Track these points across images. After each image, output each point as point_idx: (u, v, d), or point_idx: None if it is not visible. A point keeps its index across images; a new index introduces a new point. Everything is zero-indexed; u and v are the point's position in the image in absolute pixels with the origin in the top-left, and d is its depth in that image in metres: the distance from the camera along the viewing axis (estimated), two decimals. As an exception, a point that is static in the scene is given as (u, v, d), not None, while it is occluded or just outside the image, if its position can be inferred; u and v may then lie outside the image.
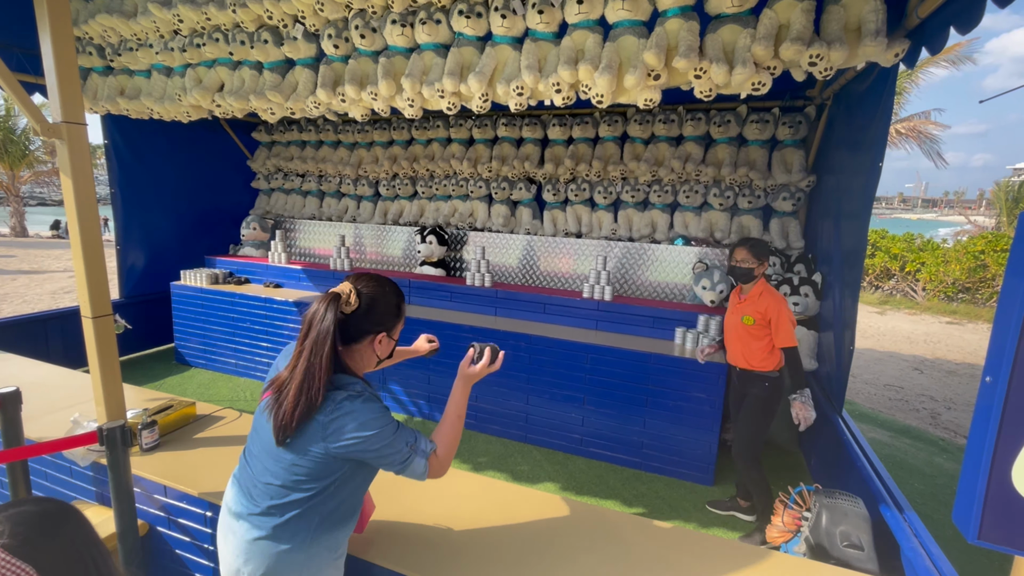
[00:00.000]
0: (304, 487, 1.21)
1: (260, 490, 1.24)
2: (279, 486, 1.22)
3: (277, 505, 1.22)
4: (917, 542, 1.86)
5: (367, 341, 1.28)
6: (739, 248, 2.82)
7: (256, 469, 1.26)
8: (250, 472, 1.28)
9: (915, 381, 6.11)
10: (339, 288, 1.25)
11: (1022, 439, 0.90)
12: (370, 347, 1.29)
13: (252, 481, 1.26)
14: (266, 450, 1.24)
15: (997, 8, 1.80)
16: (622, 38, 2.46)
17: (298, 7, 2.96)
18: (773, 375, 2.79)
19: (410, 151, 5.47)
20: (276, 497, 1.22)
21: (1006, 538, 0.94)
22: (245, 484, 1.28)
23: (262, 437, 1.25)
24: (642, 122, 4.52)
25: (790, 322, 2.70)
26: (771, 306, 2.71)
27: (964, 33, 2.00)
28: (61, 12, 1.66)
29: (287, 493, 1.22)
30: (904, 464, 3.89)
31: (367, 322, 1.26)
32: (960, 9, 1.97)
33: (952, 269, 10.66)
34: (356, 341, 1.27)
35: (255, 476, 1.26)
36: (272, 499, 1.22)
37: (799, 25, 2.22)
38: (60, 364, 3.02)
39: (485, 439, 3.92)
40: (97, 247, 1.79)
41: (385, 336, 1.30)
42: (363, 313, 1.25)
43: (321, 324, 1.19)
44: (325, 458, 1.20)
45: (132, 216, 5.28)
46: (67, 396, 2.53)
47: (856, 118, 3.19)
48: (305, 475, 1.20)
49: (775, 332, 2.72)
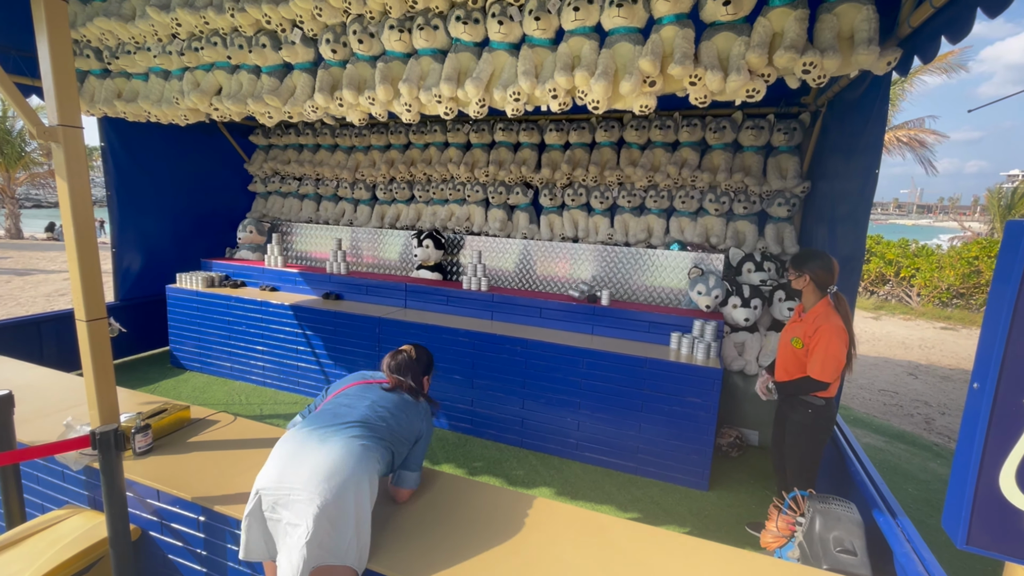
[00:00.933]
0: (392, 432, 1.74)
1: (356, 414, 1.72)
2: (379, 416, 1.74)
3: (370, 424, 1.70)
4: (910, 547, 1.87)
5: (423, 378, 2.02)
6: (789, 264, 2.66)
7: (350, 404, 1.78)
8: (355, 409, 1.75)
9: (910, 386, 6.13)
10: (405, 348, 2.04)
11: (1010, 445, 0.90)
12: (425, 379, 2.05)
13: (341, 411, 1.74)
14: (383, 399, 1.83)
15: (987, 18, 1.82)
16: (618, 45, 2.48)
17: (296, 12, 2.97)
18: (818, 402, 2.52)
19: (407, 155, 5.49)
20: (371, 420, 1.71)
21: (994, 543, 0.95)
22: (328, 413, 1.74)
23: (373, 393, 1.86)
24: (638, 128, 4.54)
25: (833, 356, 2.39)
26: (821, 330, 2.43)
27: (955, 42, 2.02)
28: (58, 15, 1.66)
29: (380, 423, 1.72)
30: (899, 469, 3.90)
31: (422, 366, 2.04)
32: (951, 19, 2.00)
33: (946, 275, 10.73)
34: (420, 376, 2.00)
35: (351, 408, 1.76)
36: (367, 421, 1.70)
37: (793, 33, 2.24)
38: (54, 367, 3.00)
39: (480, 443, 3.92)
40: (92, 250, 1.79)
41: (427, 377, 2.07)
42: (419, 362, 2.03)
43: (410, 358, 2.00)
44: (412, 422, 1.83)
45: (128, 219, 5.26)
46: (60, 399, 2.52)
47: (850, 125, 3.22)
48: (400, 433, 1.77)
49: (808, 357, 2.48)
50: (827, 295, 2.54)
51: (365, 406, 1.77)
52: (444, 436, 4.01)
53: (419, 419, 1.86)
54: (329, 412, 1.75)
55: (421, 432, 1.86)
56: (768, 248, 4.22)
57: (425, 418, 1.90)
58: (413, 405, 1.87)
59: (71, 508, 2.10)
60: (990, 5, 1.76)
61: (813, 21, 2.32)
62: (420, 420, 1.86)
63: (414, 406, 1.88)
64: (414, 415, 1.85)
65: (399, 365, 1.95)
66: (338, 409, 1.76)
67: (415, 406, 1.88)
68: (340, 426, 1.66)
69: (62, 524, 1.97)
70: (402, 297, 4.69)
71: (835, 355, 2.40)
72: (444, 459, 3.66)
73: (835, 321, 2.44)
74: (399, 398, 1.86)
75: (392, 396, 1.85)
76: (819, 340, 2.43)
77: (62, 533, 1.92)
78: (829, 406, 2.54)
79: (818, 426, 2.55)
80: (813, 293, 2.57)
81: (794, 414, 2.61)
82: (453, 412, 4.09)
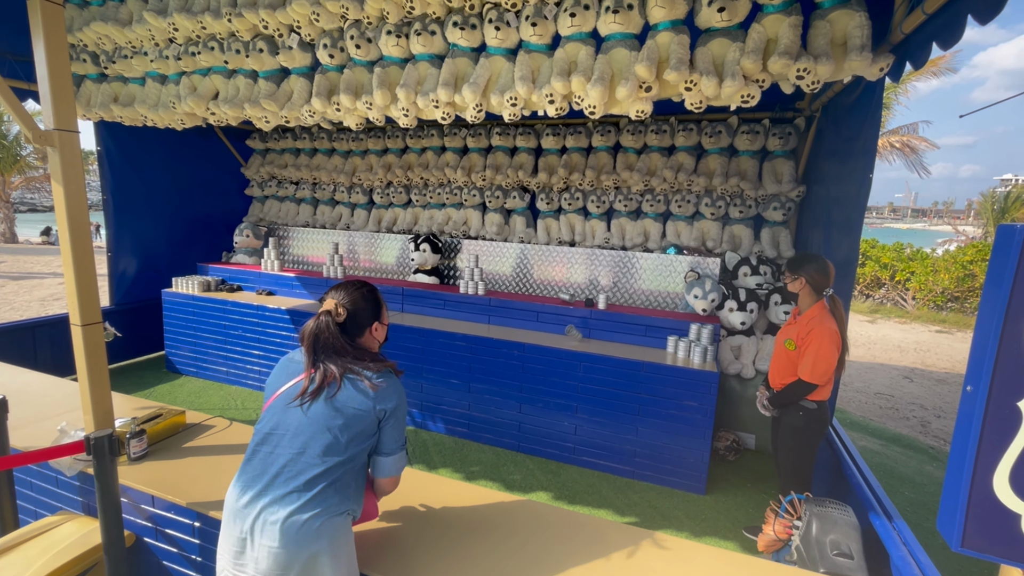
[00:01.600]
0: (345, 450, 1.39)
1: (296, 467, 1.37)
2: (320, 454, 1.37)
3: (320, 473, 1.36)
4: (906, 550, 1.87)
5: (367, 334, 1.58)
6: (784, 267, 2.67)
7: (288, 449, 1.39)
8: (278, 456, 1.39)
9: (905, 389, 6.15)
10: (326, 306, 1.52)
11: (1003, 447, 0.91)
12: (370, 336, 1.59)
13: (281, 464, 1.38)
14: (302, 426, 1.40)
15: (978, 24, 1.84)
16: (614, 50, 2.50)
17: (294, 17, 2.98)
18: (810, 405, 2.54)
19: (404, 159, 5.49)
20: (317, 466, 1.37)
21: (989, 546, 0.95)
22: (269, 471, 1.38)
23: (293, 419, 1.42)
24: (635, 132, 4.57)
25: (823, 359, 2.42)
26: (813, 333, 2.46)
27: (946, 48, 2.04)
28: (55, 20, 1.66)
29: (328, 459, 1.37)
30: (895, 472, 3.91)
31: (359, 321, 1.55)
32: (942, 25, 2.02)
33: (941, 278, 10.79)
34: (359, 336, 1.56)
35: (289, 457, 1.38)
36: (312, 469, 1.36)
37: (787, 39, 2.26)
38: (48, 372, 2.98)
39: (477, 448, 3.91)
40: (88, 255, 1.78)
41: (377, 323, 1.59)
42: (353, 317, 1.53)
43: (328, 331, 1.47)
44: (364, 418, 1.42)
45: (124, 223, 5.24)
46: (54, 404, 2.50)
47: (844, 130, 3.24)
48: (350, 435, 1.40)
49: (800, 358, 2.50)
50: (823, 298, 2.55)
51: (294, 449, 1.38)
52: (441, 440, 4.00)
53: (374, 402, 1.42)
54: (259, 464, 1.40)
55: (384, 412, 1.44)
56: (764, 252, 4.24)
57: (384, 395, 1.44)
58: (359, 393, 1.42)
59: (65, 514, 2.08)
60: (981, 12, 1.78)
61: (807, 27, 2.34)
62: (377, 402, 1.42)
63: (360, 393, 1.42)
64: (363, 406, 1.41)
65: (323, 346, 1.46)
66: (267, 459, 1.40)
67: (361, 393, 1.42)
68: (273, 502, 1.34)
69: (56, 530, 1.96)
70: (399, 301, 4.68)
71: (825, 357, 2.42)
72: (441, 464, 3.65)
73: (829, 324, 2.45)
74: (334, 402, 1.41)
75: (323, 407, 1.40)
76: (811, 342, 2.46)
77: (56, 540, 1.90)
78: (822, 409, 2.56)
79: (811, 429, 2.57)
80: (809, 296, 2.59)
81: (787, 417, 2.64)
82: (450, 416, 4.08)
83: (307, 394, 1.42)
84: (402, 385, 1.53)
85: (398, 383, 1.51)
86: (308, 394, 1.42)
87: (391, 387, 1.47)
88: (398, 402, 1.48)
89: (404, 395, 1.53)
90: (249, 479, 1.39)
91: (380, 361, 1.52)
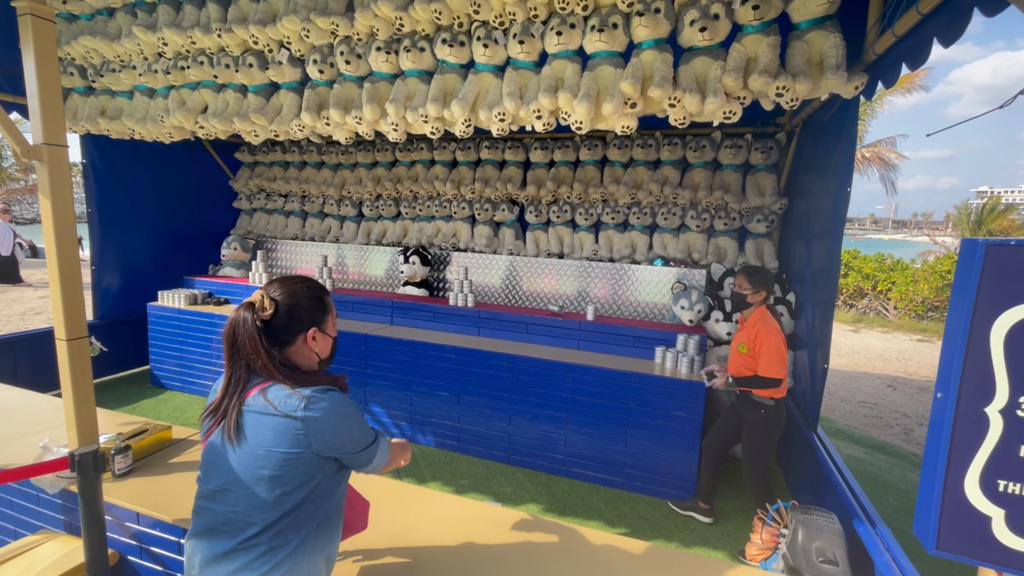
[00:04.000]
0: (291, 496, 1.16)
1: (241, 519, 1.16)
2: (264, 503, 1.15)
3: (260, 530, 1.15)
4: (889, 556, 1.91)
5: (299, 341, 1.27)
6: (738, 275, 2.92)
7: (229, 501, 1.18)
8: (221, 510, 1.19)
9: (889, 398, 6.25)
10: (252, 297, 1.24)
11: (972, 452, 0.95)
12: (305, 346, 1.28)
13: (224, 517, 1.18)
14: (230, 472, 1.17)
15: (942, 47, 1.94)
16: (600, 68, 2.56)
17: (284, 33, 3.01)
18: (768, 403, 2.80)
19: (394, 172, 5.52)
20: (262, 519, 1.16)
21: (963, 547, 0.98)
22: (215, 525, 1.19)
23: (226, 465, 1.18)
24: (621, 146, 4.65)
25: (776, 353, 2.70)
26: (760, 334, 2.74)
27: (914, 68, 2.14)
28: (47, 35, 1.67)
29: (274, 507, 1.15)
30: (879, 480, 3.97)
31: (293, 323, 1.25)
32: (910, 48, 2.11)
33: (921, 288, 11.02)
34: (289, 344, 1.26)
35: (231, 510, 1.17)
36: (254, 526, 1.15)
37: (766, 59, 2.34)
38: (29, 388, 2.92)
39: (467, 460, 3.89)
40: (74, 269, 1.77)
41: (317, 331, 1.28)
42: (284, 316, 1.23)
43: (244, 327, 1.20)
44: (306, 455, 1.16)
45: (109, 235, 5.18)
46: (36, 421, 2.46)
47: (823, 145, 3.34)
48: (290, 481, 1.15)
49: (757, 358, 2.75)
50: (764, 304, 2.88)
51: (226, 507, 1.17)
52: (431, 453, 3.98)
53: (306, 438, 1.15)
54: (203, 513, 1.21)
55: (331, 448, 1.19)
56: (748, 263, 4.31)
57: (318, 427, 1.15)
58: (282, 430, 1.14)
59: (46, 533, 2.04)
60: (945, 36, 1.87)
61: (785, 47, 2.43)
62: (311, 439, 1.15)
63: (280, 429, 1.14)
64: (293, 446, 1.14)
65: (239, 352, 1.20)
66: (204, 508, 1.21)
67: (281, 428, 1.14)
68: (215, 558, 1.16)
69: (37, 550, 1.92)
70: (388, 313, 4.68)
71: (778, 350, 2.71)
72: (431, 477, 3.63)
73: (772, 324, 2.78)
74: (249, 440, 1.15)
75: (245, 447, 1.15)
76: (762, 342, 2.74)
77: (36, 560, 1.86)
78: (779, 406, 2.83)
79: (770, 425, 2.84)
80: (758, 304, 2.88)
81: (748, 415, 2.89)
82: (439, 429, 4.06)
83: (223, 433, 1.18)
84: (344, 398, 1.23)
85: (337, 402, 1.20)
86: (226, 433, 1.17)
87: (321, 417, 1.16)
88: (337, 428, 1.18)
89: (349, 409, 1.22)
90: (196, 538, 1.21)
91: (316, 379, 1.22)
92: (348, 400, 1.24)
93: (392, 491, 1.99)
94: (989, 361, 0.92)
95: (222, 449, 1.18)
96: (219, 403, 1.21)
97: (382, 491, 1.97)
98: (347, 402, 1.23)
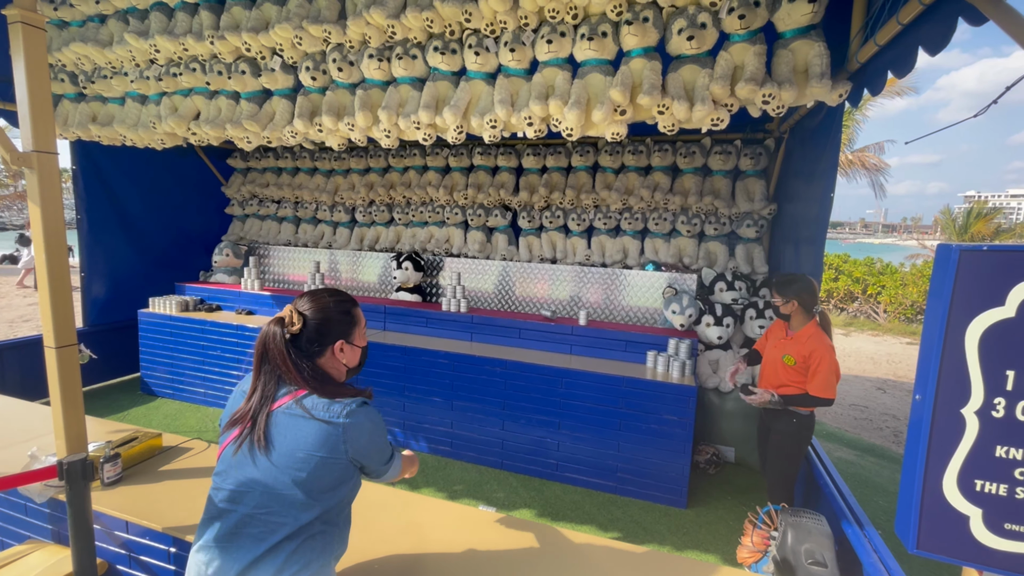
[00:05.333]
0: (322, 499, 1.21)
1: (272, 520, 1.19)
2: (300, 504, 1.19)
3: (291, 533, 1.19)
4: (877, 557, 1.93)
5: (328, 353, 1.31)
6: (771, 288, 2.78)
7: (255, 502, 1.20)
8: (245, 511, 1.21)
9: (879, 400, 6.31)
10: (282, 312, 1.29)
11: (950, 453, 0.97)
12: (333, 357, 1.32)
13: (249, 518, 1.21)
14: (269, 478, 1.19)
15: (928, 56, 1.97)
16: (590, 75, 2.59)
17: (276, 40, 3.03)
18: (803, 413, 2.67)
19: (387, 178, 5.53)
20: (294, 521, 1.20)
21: (942, 547, 1.00)
22: (238, 528, 1.21)
23: (253, 470, 1.21)
24: (612, 153, 4.69)
25: (833, 373, 2.53)
26: (816, 351, 2.56)
27: (900, 76, 2.18)
28: (37, 43, 1.68)
29: (305, 509, 1.20)
30: (869, 482, 4.00)
31: (321, 336, 1.29)
32: (895, 56, 2.16)
33: (910, 292, 11.15)
34: (319, 356, 1.30)
35: (256, 511, 1.20)
36: (284, 528, 1.19)
37: (752, 67, 2.38)
38: (16, 396, 2.90)
39: (460, 466, 3.89)
40: (64, 276, 1.77)
41: (344, 343, 1.32)
42: (313, 330, 1.28)
43: (274, 341, 1.25)
44: (341, 461, 1.22)
45: (98, 242, 5.15)
46: (24, 429, 2.43)
47: (809, 151, 3.40)
48: (323, 485, 1.21)
49: (811, 377, 2.57)
50: (815, 315, 2.67)
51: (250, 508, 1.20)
52: (424, 460, 3.97)
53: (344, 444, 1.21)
54: (214, 518, 1.24)
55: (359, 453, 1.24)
56: (739, 268, 4.36)
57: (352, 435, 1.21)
58: (319, 434, 1.19)
59: (33, 543, 2.02)
60: (930, 45, 1.91)
61: (771, 56, 2.47)
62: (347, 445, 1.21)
63: (321, 434, 1.19)
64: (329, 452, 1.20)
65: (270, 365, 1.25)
66: (225, 511, 1.23)
67: (323, 433, 1.19)
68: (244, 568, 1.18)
69: (24, 560, 1.90)
70: (381, 319, 4.68)
71: (835, 370, 2.55)
72: (424, 483, 3.62)
73: (827, 341, 2.59)
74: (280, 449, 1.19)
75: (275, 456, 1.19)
76: (820, 361, 2.55)
77: (24, 570, 1.84)
78: (811, 416, 2.70)
79: (802, 435, 2.69)
80: (800, 314, 2.69)
81: (779, 424, 2.72)
82: (432, 434, 4.06)
83: (251, 439, 1.20)
84: (376, 411, 1.30)
85: (369, 415, 1.26)
86: (254, 440, 1.20)
87: (358, 425, 1.22)
88: (370, 438, 1.26)
89: (380, 421, 1.30)
90: (211, 547, 1.22)
91: (344, 390, 1.27)
92: (379, 413, 1.32)
93: (385, 497, 1.99)
94: (964, 364, 0.94)
95: (250, 455, 1.21)
96: (247, 411, 1.25)
97: (375, 496, 1.97)
98: (378, 415, 1.31)
